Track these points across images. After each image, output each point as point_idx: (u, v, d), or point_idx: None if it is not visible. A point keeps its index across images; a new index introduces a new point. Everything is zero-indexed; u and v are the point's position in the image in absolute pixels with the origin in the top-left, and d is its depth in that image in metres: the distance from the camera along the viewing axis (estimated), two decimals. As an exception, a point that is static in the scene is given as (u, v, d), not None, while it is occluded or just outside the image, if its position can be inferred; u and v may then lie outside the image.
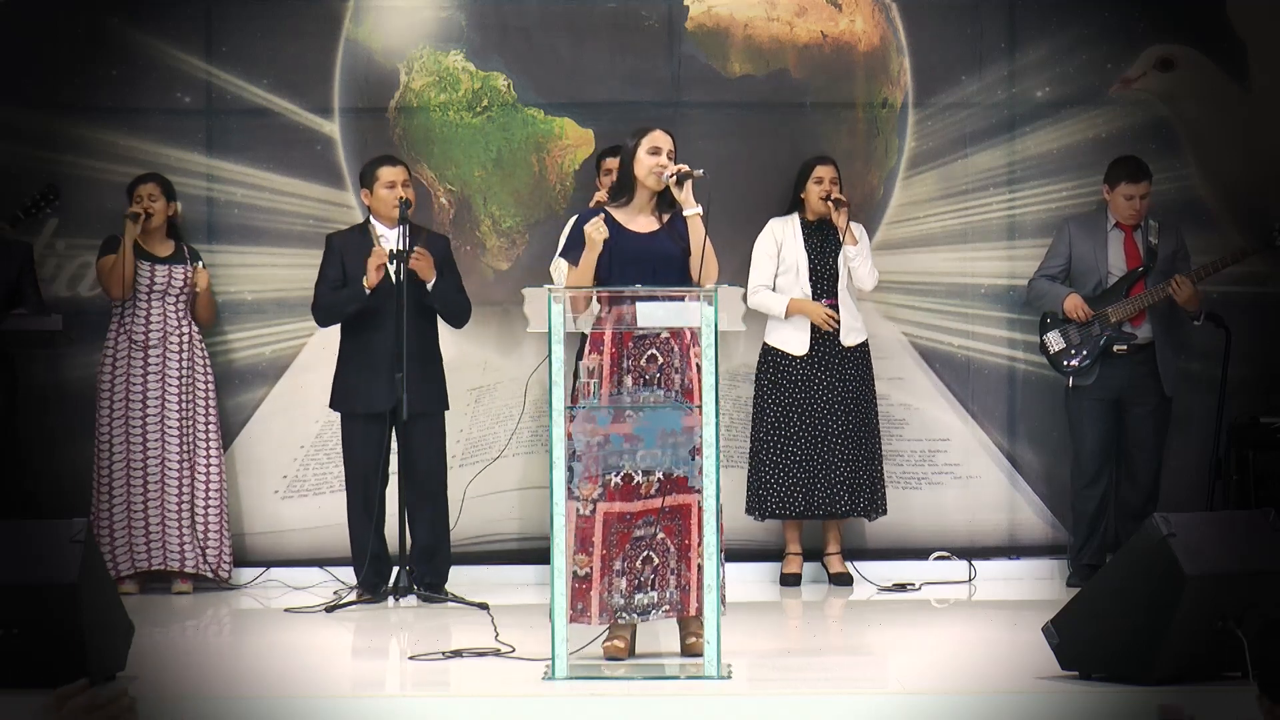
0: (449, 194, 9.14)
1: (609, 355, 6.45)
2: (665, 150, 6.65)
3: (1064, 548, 8.96)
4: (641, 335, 6.42)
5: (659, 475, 6.36)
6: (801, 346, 8.73)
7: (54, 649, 5.83)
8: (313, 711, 5.86)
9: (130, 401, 8.57)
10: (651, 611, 6.39)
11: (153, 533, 8.55)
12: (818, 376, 8.71)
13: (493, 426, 9.08)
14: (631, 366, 6.44)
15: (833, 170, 8.77)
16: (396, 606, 8.07)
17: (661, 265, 6.58)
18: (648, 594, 6.38)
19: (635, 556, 6.37)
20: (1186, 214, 9.04)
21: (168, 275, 8.64)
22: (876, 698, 6.07)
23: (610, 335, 6.43)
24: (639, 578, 6.37)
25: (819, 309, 8.67)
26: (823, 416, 8.69)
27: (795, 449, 8.69)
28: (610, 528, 6.35)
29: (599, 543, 6.32)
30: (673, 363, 6.45)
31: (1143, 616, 5.80)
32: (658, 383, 6.43)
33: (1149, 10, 9.15)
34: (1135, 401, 8.71)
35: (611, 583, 6.35)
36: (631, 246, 6.61)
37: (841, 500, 8.67)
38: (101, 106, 9.02)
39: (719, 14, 9.16)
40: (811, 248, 8.76)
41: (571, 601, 6.33)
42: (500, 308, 9.03)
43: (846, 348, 8.73)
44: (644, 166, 6.65)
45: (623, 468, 6.33)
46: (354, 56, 9.12)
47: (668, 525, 6.37)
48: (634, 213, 6.70)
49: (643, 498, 6.36)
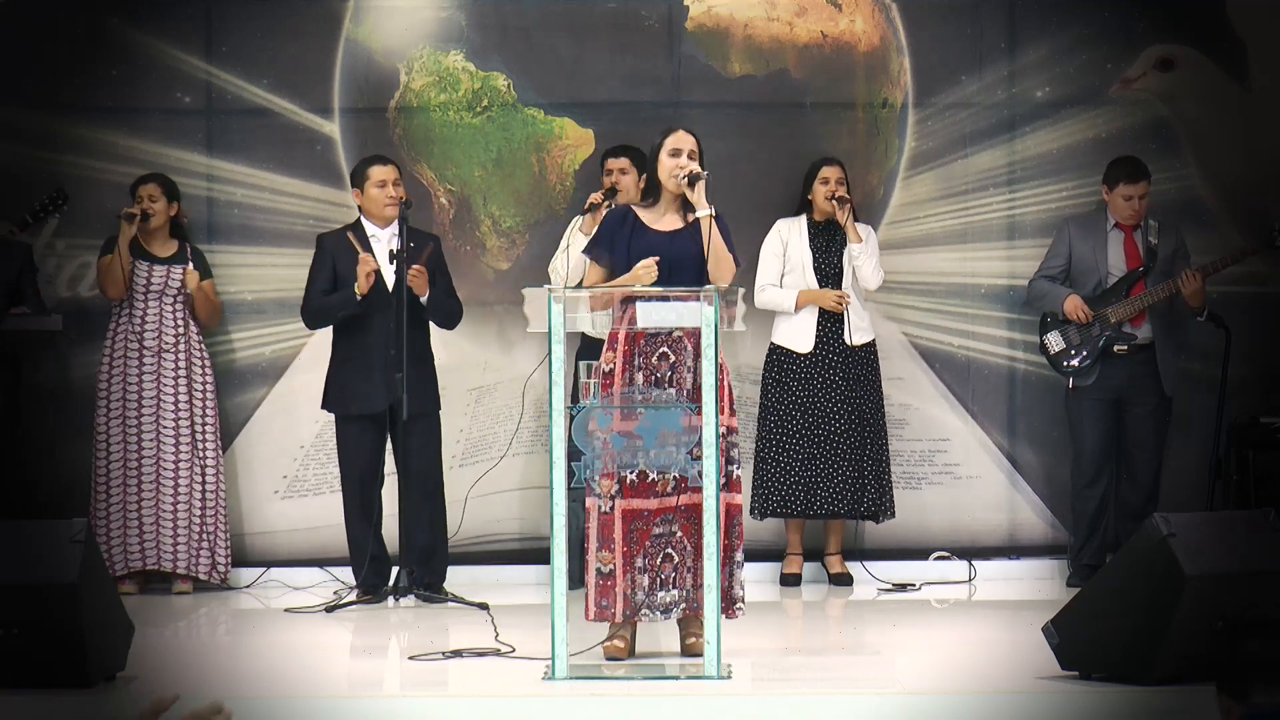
0: (449, 194, 9.14)
1: (622, 353, 6.47)
2: (686, 150, 6.67)
3: (1064, 548, 8.96)
4: (654, 334, 6.44)
5: (674, 473, 6.37)
6: (807, 344, 8.73)
7: (54, 649, 5.83)
8: (312, 711, 5.87)
9: (128, 402, 8.57)
10: (674, 609, 6.42)
11: (150, 533, 8.54)
12: (823, 375, 8.72)
13: (493, 426, 9.08)
14: (643, 364, 6.46)
15: (839, 171, 8.78)
16: (396, 607, 8.07)
17: (677, 265, 6.59)
18: (669, 592, 6.40)
19: (656, 554, 6.39)
20: (1186, 214, 9.04)
21: (166, 275, 8.64)
22: (876, 698, 6.07)
23: (625, 334, 6.45)
24: (660, 575, 6.39)
25: (829, 293, 8.67)
26: (828, 416, 8.69)
27: (799, 448, 8.69)
28: (630, 524, 6.36)
29: (619, 539, 6.34)
30: (685, 362, 6.46)
31: (1143, 616, 5.80)
32: (669, 381, 6.44)
33: (1149, 10, 9.15)
34: (1135, 401, 8.71)
35: (634, 579, 6.38)
36: (650, 246, 6.63)
37: (844, 501, 8.67)
38: (101, 106, 9.02)
39: (719, 14, 9.16)
40: (817, 247, 8.77)
41: (596, 598, 6.36)
42: (500, 308, 9.02)
43: (852, 347, 8.73)
44: (664, 169, 6.68)
45: (637, 465, 6.35)
46: (354, 56, 9.12)
47: (684, 524, 6.39)
48: (660, 213, 6.72)
49: (659, 495, 6.38)
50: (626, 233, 6.67)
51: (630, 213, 6.72)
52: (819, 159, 8.82)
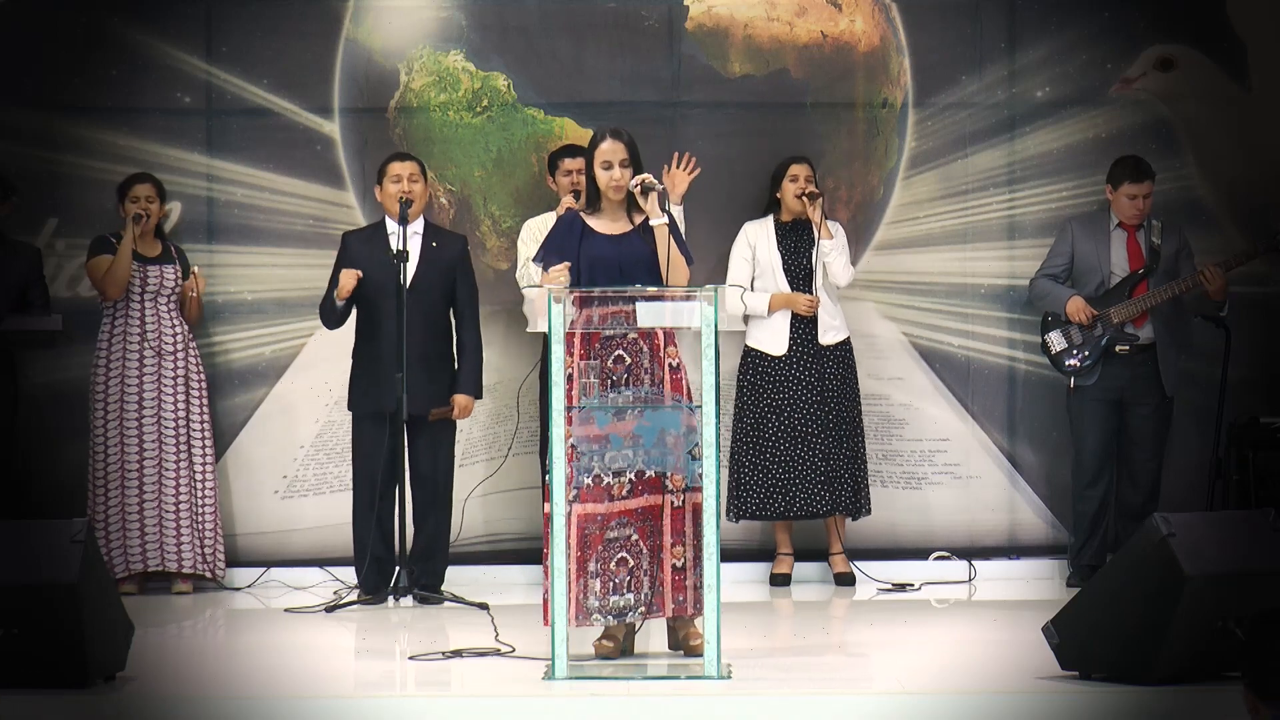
0: (449, 194, 9.14)
1: (577, 356, 6.44)
2: (616, 162, 6.68)
3: (1064, 548, 8.96)
4: (609, 336, 6.43)
5: (630, 476, 6.35)
6: (780, 346, 8.73)
7: (54, 649, 5.83)
8: (313, 711, 5.86)
9: (126, 402, 8.56)
10: (628, 613, 6.38)
11: (149, 533, 8.54)
12: (797, 377, 8.71)
13: (493, 426, 9.08)
14: (599, 367, 6.44)
15: (807, 168, 8.76)
16: (397, 607, 8.08)
17: (629, 266, 6.63)
18: (624, 596, 6.37)
19: (609, 558, 6.36)
20: (1186, 214, 9.05)
21: (159, 276, 8.64)
22: (876, 698, 6.07)
23: (580, 336, 6.43)
24: (613, 580, 6.36)
25: (799, 297, 8.67)
26: (803, 417, 8.68)
27: (775, 450, 8.68)
28: (584, 530, 6.33)
29: (574, 544, 6.31)
30: (641, 363, 6.45)
31: (1143, 616, 5.80)
32: (625, 383, 6.43)
33: (1149, 10, 9.16)
34: (1136, 401, 8.71)
35: (586, 585, 6.34)
36: (598, 249, 6.66)
37: (822, 500, 8.66)
38: (101, 106, 9.02)
39: (719, 14, 9.16)
40: (786, 247, 8.76)
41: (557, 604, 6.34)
42: (500, 308, 9.02)
43: (825, 346, 8.72)
44: (601, 181, 6.70)
45: (593, 469, 6.34)
46: (354, 56, 9.12)
47: (640, 526, 6.37)
48: (607, 218, 6.74)
49: (614, 499, 6.36)
50: (575, 238, 6.69)
51: (578, 219, 6.75)
52: (787, 157, 8.80)
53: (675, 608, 6.38)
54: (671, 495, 6.35)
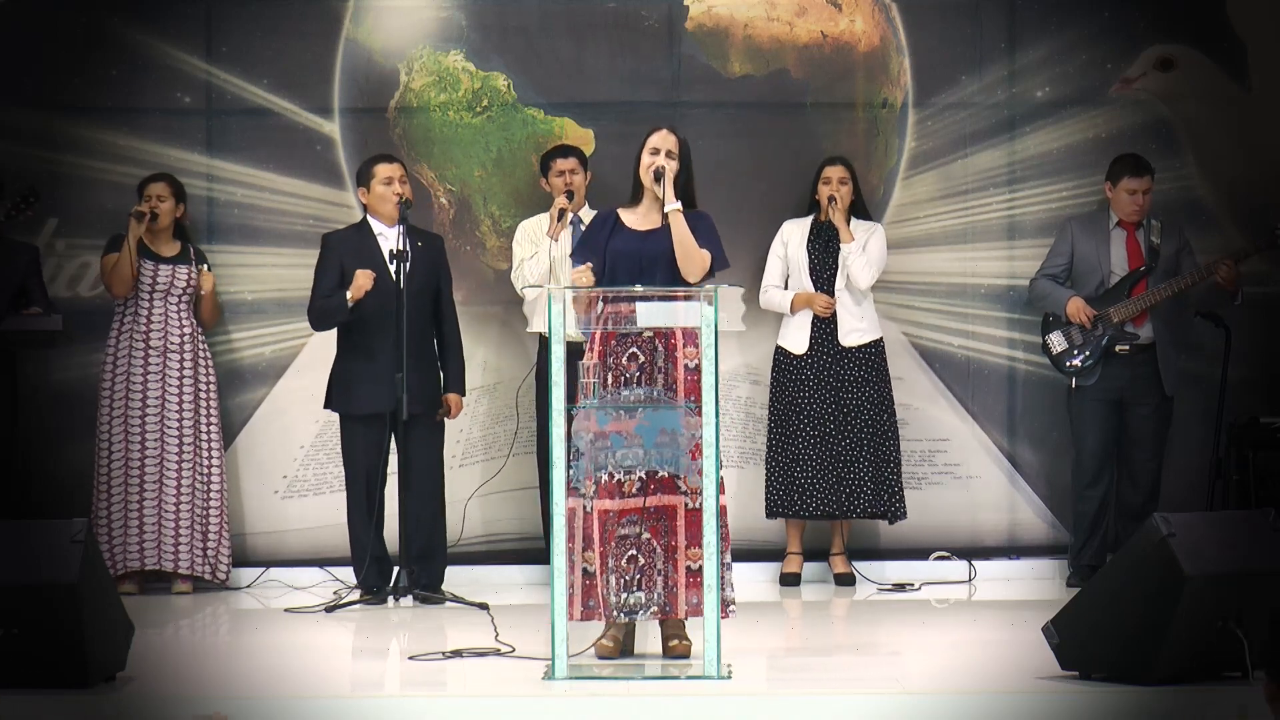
0: (449, 194, 9.14)
1: (598, 354, 6.46)
2: (665, 149, 6.67)
3: (1064, 548, 8.96)
4: (624, 334, 6.43)
5: (640, 474, 6.36)
6: (801, 345, 8.75)
7: (54, 649, 5.83)
8: (312, 711, 5.87)
9: (131, 401, 8.56)
10: (640, 612, 6.38)
11: (151, 533, 8.54)
12: (819, 377, 8.72)
13: (493, 427, 9.08)
14: (614, 365, 6.45)
15: (841, 170, 8.79)
16: (396, 607, 8.08)
17: (649, 263, 6.63)
18: (634, 594, 6.37)
19: (621, 555, 6.37)
20: (1186, 214, 9.05)
21: (171, 275, 8.64)
22: (877, 698, 6.07)
23: (600, 334, 6.44)
24: (625, 577, 6.37)
25: (818, 298, 8.69)
26: (827, 418, 8.70)
27: (802, 449, 8.71)
28: (604, 525, 6.35)
29: (597, 539, 6.33)
30: (655, 362, 6.44)
31: (1143, 616, 5.80)
32: (638, 381, 6.43)
33: (1149, 10, 9.16)
34: (1137, 401, 8.71)
35: (609, 580, 6.36)
36: (623, 245, 6.66)
37: (859, 502, 8.68)
38: (101, 106, 9.02)
39: (719, 14, 9.16)
40: (815, 247, 8.79)
41: (583, 598, 6.34)
42: (500, 307, 9.03)
43: (847, 348, 8.73)
44: (641, 165, 6.69)
45: (607, 465, 6.35)
46: (354, 56, 9.12)
47: (653, 526, 6.37)
48: (641, 212, 6.74)
49: (624, 496, 6.36)
50: (605, 234, 6.70)
51: (614, 215, 6.76)
52: (824, 158, 8.84)
53: (689, 609, 6.37)
54: (686, 497, 6.35)
